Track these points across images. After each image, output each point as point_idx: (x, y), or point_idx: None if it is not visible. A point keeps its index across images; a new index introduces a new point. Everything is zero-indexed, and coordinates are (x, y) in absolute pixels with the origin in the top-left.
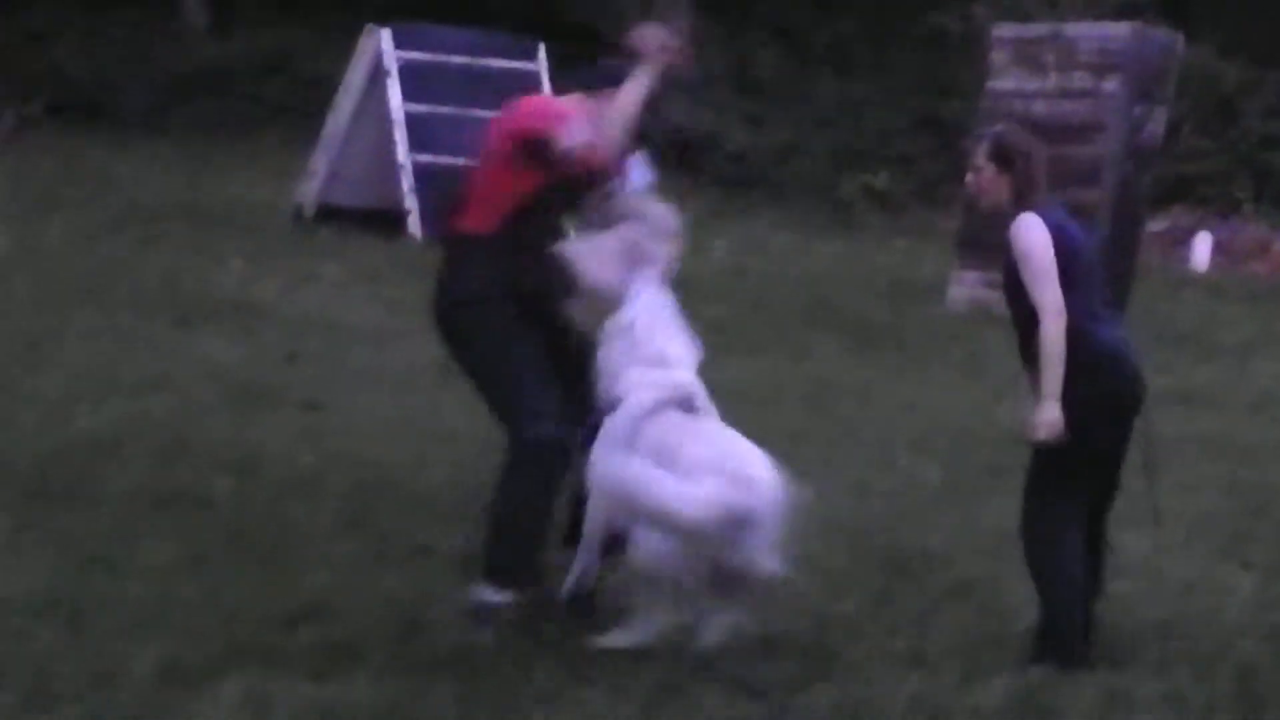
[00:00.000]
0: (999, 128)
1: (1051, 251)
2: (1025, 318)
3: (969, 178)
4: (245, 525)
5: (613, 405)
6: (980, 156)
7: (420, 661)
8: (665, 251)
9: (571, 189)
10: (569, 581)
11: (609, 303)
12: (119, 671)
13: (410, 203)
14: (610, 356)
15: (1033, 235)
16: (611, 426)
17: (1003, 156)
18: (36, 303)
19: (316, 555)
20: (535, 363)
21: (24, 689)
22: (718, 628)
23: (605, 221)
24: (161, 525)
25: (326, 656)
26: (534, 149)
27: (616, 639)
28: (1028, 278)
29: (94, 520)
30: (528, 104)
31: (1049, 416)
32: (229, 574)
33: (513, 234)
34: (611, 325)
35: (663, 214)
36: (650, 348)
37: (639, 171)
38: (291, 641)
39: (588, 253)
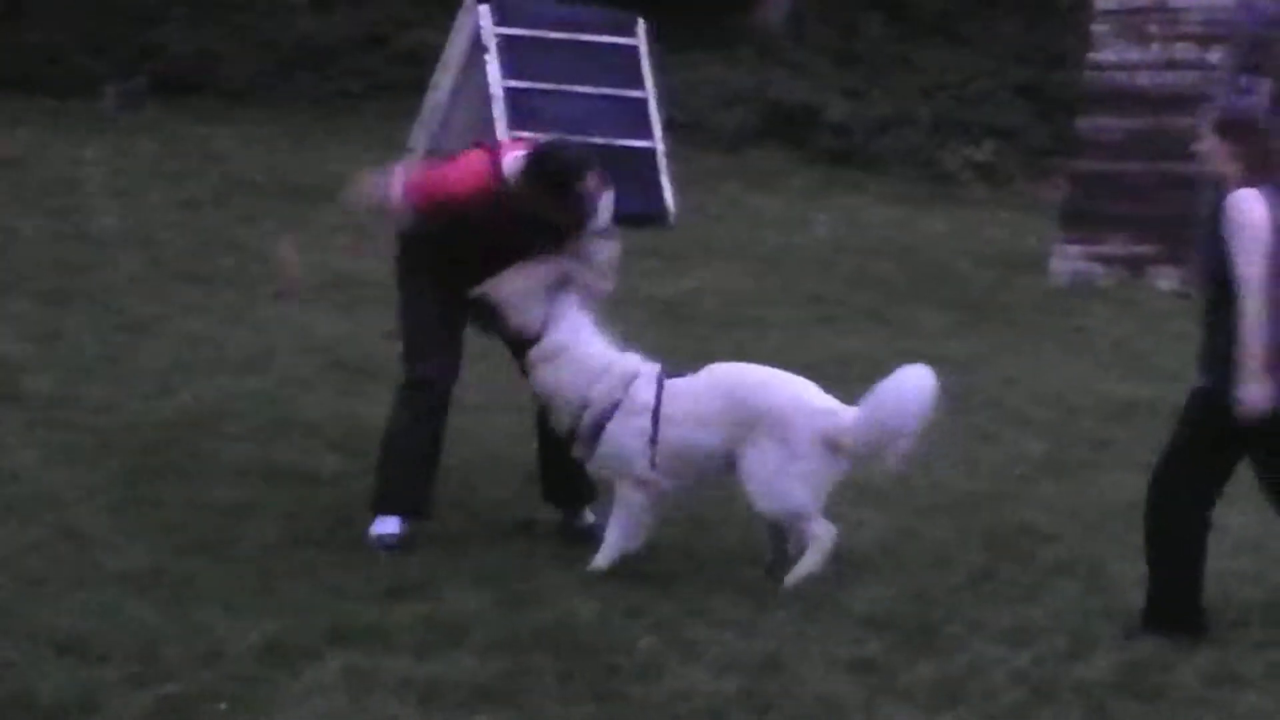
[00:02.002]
0: (1228, 102)
1: (1267, 231)
2: (1217, 289)
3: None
4: (348, 502)
5: (597, 420)
6: (1204, 127)
7: (522, 637)
8: (595, 281)
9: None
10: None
11: (531, 335)
12: (221, 649)
13: None
14: (553, 380)
15: (1254, 210)
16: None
17: (1226, 129)
18: (140, 279)
19: (419, 531)
20: (435, 316)
21: (127, 665)
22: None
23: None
24: (265, 502)
25: (428, 633)
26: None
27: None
28: (1238, 249)
29: (197, 497)
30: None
31: (1253, 396)
32: (332, 551)
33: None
34: (536, 353)
35: (602, 250)
36: (589, 361)
37: (606, 209)
38: (393, 618)
39: (512, 294)
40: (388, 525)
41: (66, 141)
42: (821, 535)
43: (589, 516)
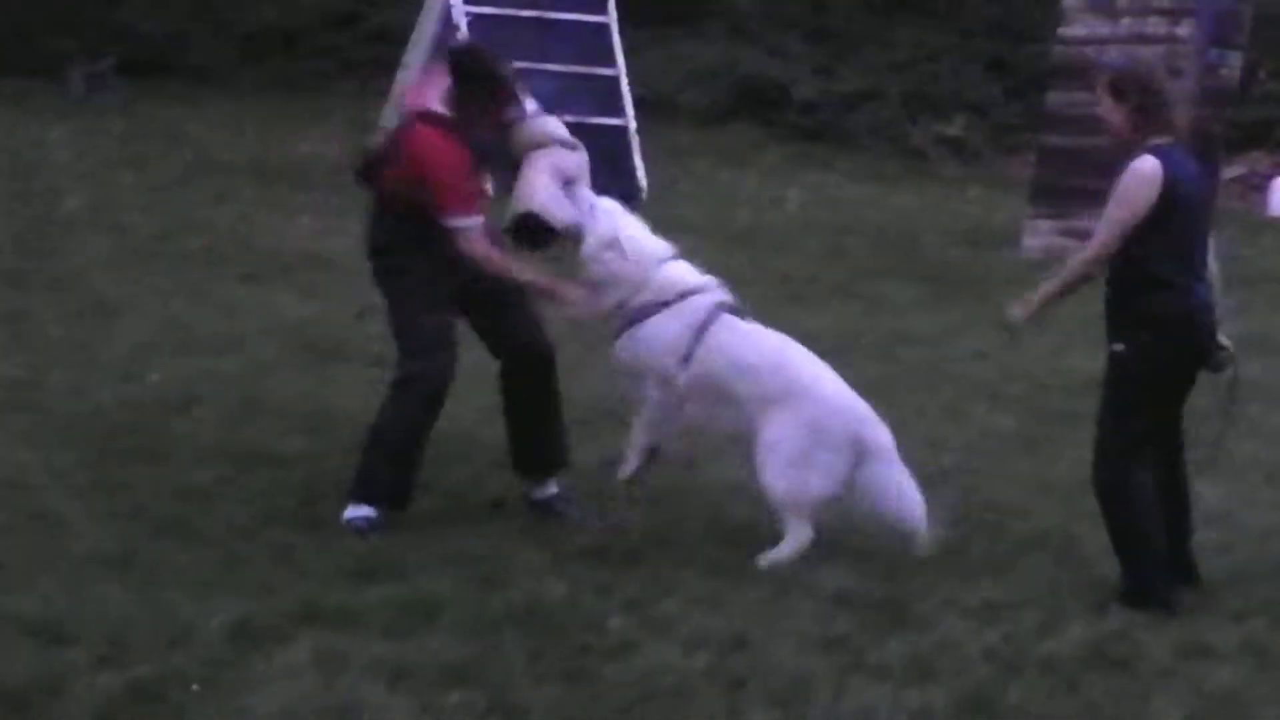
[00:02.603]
0: (1116, 60)
1: (1142, 207)
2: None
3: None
4: (317, 483)
5: (639, 312)
6: (1098, 89)
7: (492, 618)
8: (580, 160)
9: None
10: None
11: (576, 231)
12: (191, 631)
13: None
14: (608, 270)
15: (1135, 184)
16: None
17: (1118, 89)
18: (108, 261)
19: (388, 513)
20: (426, 312)
21: (96, 648)
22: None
23: (515, 150)
24: (234, 484)
25: (399, 614)
26: None
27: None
28: (1107, 210)
29: (166, 479)
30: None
31: (1015, 314)
32: (302, 532)
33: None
34: (590, 246)
35: (556, 127)
36: (645, 248)
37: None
38: (364, 599)
39: (539, 198)
40: (362, 511)
41: (32, 123)
42: (804, 535)
43: (552, 487)
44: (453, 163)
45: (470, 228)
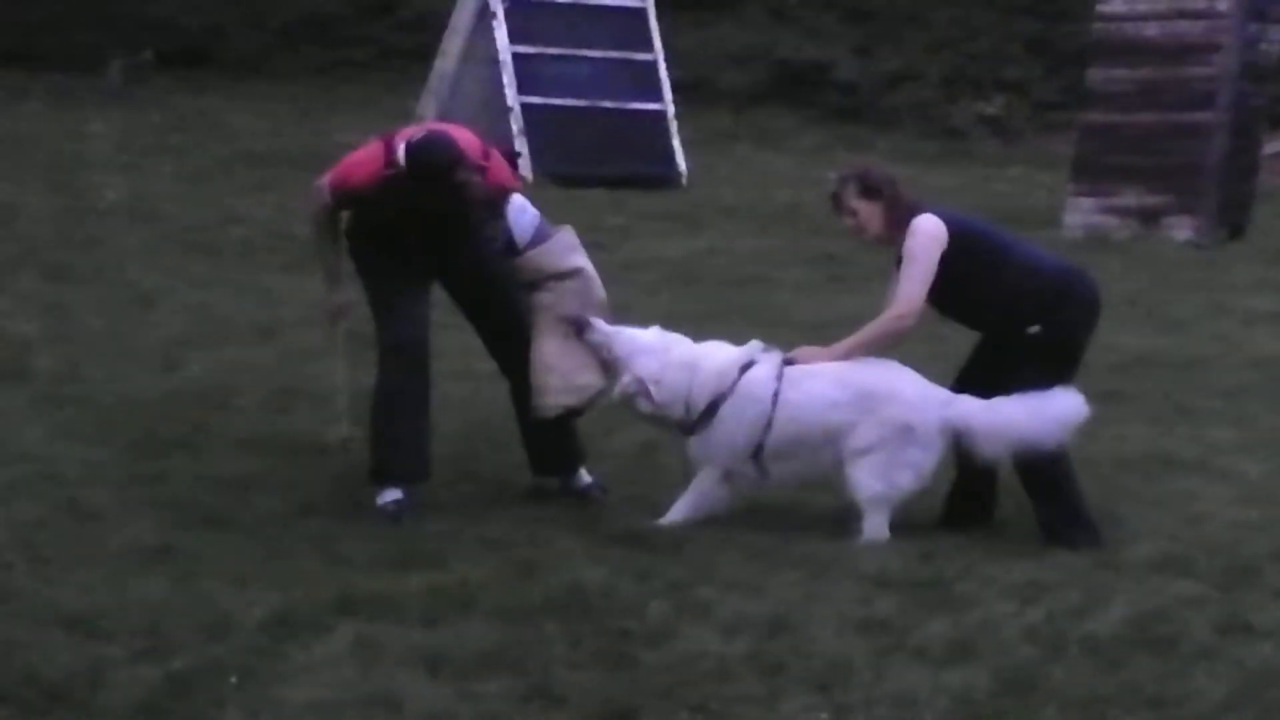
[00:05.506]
0: (852, 170)
1: (935, 258)
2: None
3: (848, 224)
4: (357, 472)
5: (706, 413)
6: (850, 200)
7: (530, 605)
8: (583, 288)
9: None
10: None
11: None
12: (229, 621)
13: (520, 145)
14: (652, 404)
15: (920, 241)
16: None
17: (869, 189)
18: (147, 251)
19: (427, 500)
20: (395, 286)
21: (134, 641)
22: None
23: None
24: (272, 474)
25: (436, 602)
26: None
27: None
28: (908, 273)
29: (205, 471)
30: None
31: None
32: (340, 522)
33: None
34: (624, 390)
35: (552, 258)
36: (674, 360)
37: (522, 219)
38: (401, 588)
39: (562, 374)
40: (392, 493)
41: (71, 116)
42: (884, 530)
43: (585, 477)
44: (356, 158)
45: (319, 185)
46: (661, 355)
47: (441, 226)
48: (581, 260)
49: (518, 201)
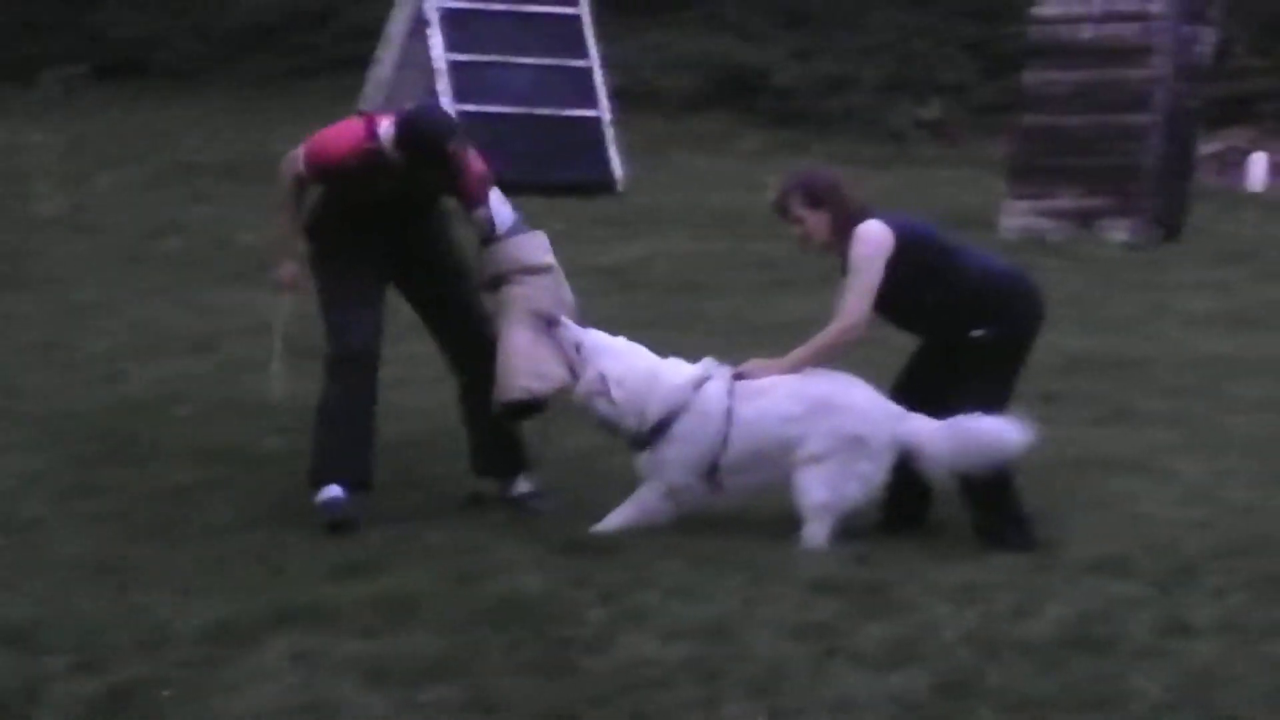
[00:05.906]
0: (797, 179)
1: (881, 266)
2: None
3: (797, 232)
4: (296, 483)
5: (657, 428)
6: (795, 209)
7: (471, 613)
8: (550, 285)
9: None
10: None
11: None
12: (168, 633)
13: None
14: (609, 409)
15: (865, 250)
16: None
17: (814, 198)
18: (86, 263)
19: (366, 510)
20: (351, 291)
21: (73, 652)
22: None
23: (492, 276)
24: (213, 485)
25: (376, 611)
26: None
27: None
28: (855, 283)
29: (145, 482)
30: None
31: (770, 370)
32: (280, 532)
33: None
34: (583, 391)
35: (525, 251)
36: (637, 368)
37: (503, 210)
38: (340, 598)
39: (522, 372)
40: (331, 491)
41: (5, 127)
42: (824, 539)
43: (523, 484)
44: (336, 130)
45: (293, 155)
46: (627, 359)
47: (409, 214)
48: (554, 260)
49: (498, 194)
